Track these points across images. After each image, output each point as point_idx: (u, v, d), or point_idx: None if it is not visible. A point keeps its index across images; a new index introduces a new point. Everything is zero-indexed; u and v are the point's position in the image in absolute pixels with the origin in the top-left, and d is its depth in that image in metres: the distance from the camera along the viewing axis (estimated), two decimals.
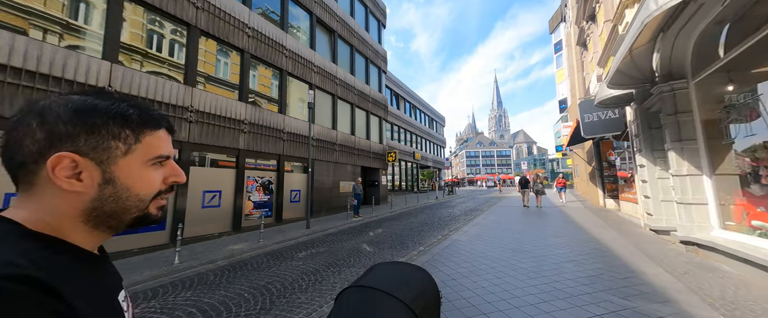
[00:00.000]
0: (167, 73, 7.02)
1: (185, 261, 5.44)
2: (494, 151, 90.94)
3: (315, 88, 11.91)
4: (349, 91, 14.39)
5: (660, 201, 5.87)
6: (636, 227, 6.91)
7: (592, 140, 12.67)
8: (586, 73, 12.75)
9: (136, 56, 6.48)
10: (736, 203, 4.19)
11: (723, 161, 4.38)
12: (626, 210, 8.86)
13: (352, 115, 14.67)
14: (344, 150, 13.58)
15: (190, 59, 7.38)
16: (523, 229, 7.58)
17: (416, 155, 29.90)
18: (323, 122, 12.50)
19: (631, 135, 6.80)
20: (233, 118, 8.29)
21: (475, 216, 10.83)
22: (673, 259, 4.29)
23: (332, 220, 10.44)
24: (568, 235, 6.40)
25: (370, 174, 17.21)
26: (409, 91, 31.05)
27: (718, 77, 4.36)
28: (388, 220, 10.69)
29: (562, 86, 24.50)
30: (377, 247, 6.25)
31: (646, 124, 6.11)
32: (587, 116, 6.97)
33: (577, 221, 8.32)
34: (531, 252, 5.13)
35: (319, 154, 11.91)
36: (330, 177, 12.56)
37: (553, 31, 25.22)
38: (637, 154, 6.38)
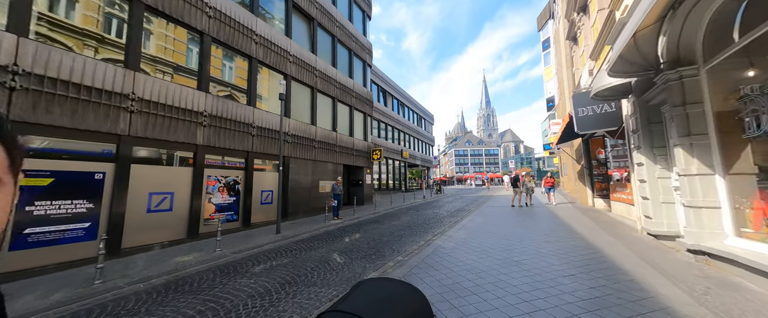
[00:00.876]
0: (101, 51, 5.93)
1: (112, 279, 4.47)
2: (482, 150, 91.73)
3: (290, 78, 10.94)
4: (330, 84, 13.47)
5: (660, 203, 5.34)
6: (631, 231, 6.40)
7: (582, 138, 12.31)
8: (576, 69, 12.34)
9: (59, 30, 5.38)
10: (755, 207, 3.64)
11: (739, 159, 3.82)
12: (618, 211, 8.42)
13: (333, 110, 13.76)
14: (324, 147, 12.67)
15: (132, 38, 6.31)
16: (511, 232, 6.96)
17: (404, 153, 29.24)
18: (301, 117, 11.55)
19: (628, 131, 6.27)
20: (190, 110, 7.26)
21: (462, 217, 10.21)
22: (684, 272, 3.70)
23: (308, 224, 9.55)
24: (561, 241, 5.80)
25: (354, 173, 16.37)
26: (397, 87, 30.31)
27: (735, 62, 3.78)
28: (370, 222, 9.91)
29: (550, 84, 24.37)
30: (349, 258, 5.45)
31: (646, 119, 5.56)
32: (581, 110, 6.40)
33: (569, 223, 7.79)
34: (521, 263, 4.46)
35: (296, 152, 10.96)
36: (308, 176, 11.64)
37: (541, 29, 25.03)
38: (635, 151, 5.84)
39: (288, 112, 10.75)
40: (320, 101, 12.81)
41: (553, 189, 13.27)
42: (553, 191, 13.22)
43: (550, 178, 13.42)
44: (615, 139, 6.48)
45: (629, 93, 5.78)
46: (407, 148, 31.02)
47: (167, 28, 7.19)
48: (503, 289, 3.47)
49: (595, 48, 8.33)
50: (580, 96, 6.43)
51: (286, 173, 10.44)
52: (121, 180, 5.88)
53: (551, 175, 13.70)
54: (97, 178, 5.58)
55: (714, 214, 3.95)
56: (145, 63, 6.64)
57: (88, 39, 5.76)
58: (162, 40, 7.08)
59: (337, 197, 10.62)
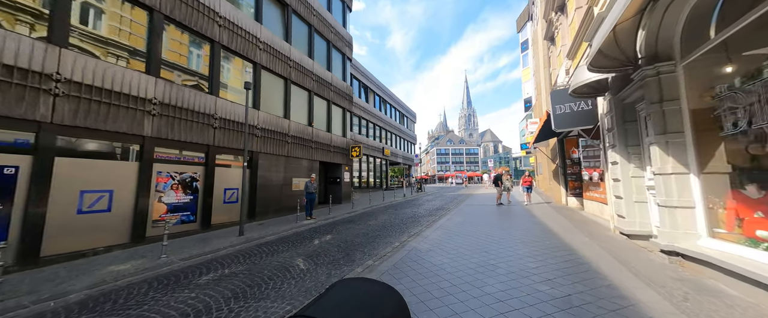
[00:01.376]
0: (15, 22, 4.94)
1: (15, 296, 3.65)
2: (463, 149, 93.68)
3: (260, 67, 10.11)
4: (306, 76, 12.72)
5: (633, 202, 5.30)
6: (604, 230, 6.39)
7: (557, 137, 12.52)
8: (553, 69, 12.51)
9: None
10: (728, 207, 3.56)
11: (713, 157, 3.74)
12: (590, 209, 8.52)
13: (309, 104, 13.03)
14: (299, 143, 11.95)
15: (57, 9, 5.33)
16: (489, 232, 6.76)
17: (386, 151, 28.88)
18: (272, 110, 10.76)
19: (603, 129, 6.23)
20: (135, 96, 6.35)
21: (440, 216, 9.97)
22: (661, 274, 3.57)
23: (277, 224, 8.87)
24: (538, 241, 5.64)
25: (332, 170, 15.73)
26: (380, 84, 29.83)
27: (712, 59, 3.68)
28: (344, 222, 9.39)
29: (528, 85, 24.97)
30: (313, 264, 4.93)
31: (621, 117, 5.50)
32: (559, 108, 6.28)
33: (545, 222, 7.74)
34: (498, 267, 4.18)
35: (266, 146, 10.18)
36: (280, 173, 10.90)
37: (520, 30, 25.56)
38: (610, 150, 5.79)
39: (257, 103, 9.94)
40: (295, 94, 12.05)
41: (530, 188, 13.04)
42: (530, 191, 12.99)
43: (528, 177, 13.11)
44: (589, 139, 6.45)
45: (606, 90, 5.70)
46: (389, 146, 30.68)
47: (108, 0, 6.23)
48: (478, 298, 3.13)
49: (572, 47, 8.32)
50: (558, 93, 6.32)
51: (254, 169, 9.66)
52: (41, 175, 4.95)
53: (529, 174, 13.39)
54: (6, 173, 4.64)
55: (688, 214, 3.86)
56: (80, 40, 5.68)
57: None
58: (100, 13, 6.11)
59: (311, 196, 10.00)
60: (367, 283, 0.63)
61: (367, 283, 0.63)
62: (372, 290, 0.60)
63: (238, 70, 9.47)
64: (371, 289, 0.60)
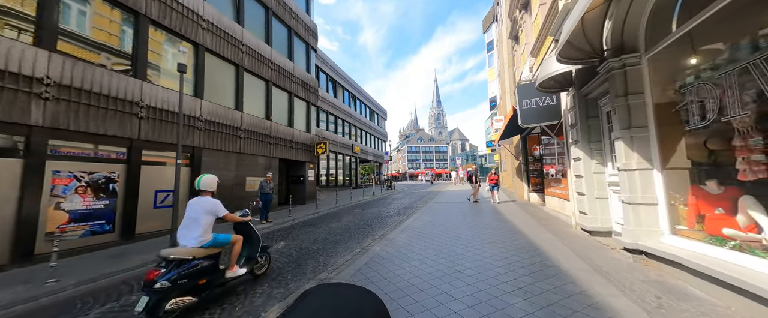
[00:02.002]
0: None
1: None
2: (433, 147, 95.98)
3: (203, 49, 8.76)
4: (263, 64, 11.47)
5: (595, 198, 5.26)
6: (566, 226, 6.40)
7: (520, 135, 12.84)
8: (516, 68, 12.76)
9: None
10: (689, 203, 3.48)
11: (675, 152, 3.67)
12: (551, 205, 8.68)
13: (267, 95, 11.80)
14: (254, 138, 10.73)
15: None
16: (456, 233, 6.43)
17: (355, 148, 28.06)
18: (221, 100, 9.44)
19: (566, 125, 6.19)
20: (14, 73, 4.89)
21: (408, 216, 9.55)
22: (628, 276, 3.39)
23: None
24: (505, 242, 5.39)
25: (295, 168, 14.60)
26: (349, 79, 28.86)
27: (675, 52, 3.58)
28: (304, 226, 8.53)
29: (493, 85, 25.84)
30: (251, 283, 4.11)
31: (584, 113, 5.44)
32: (525, 102, 6.13)
33: (511, 221, 7.66)
34: (464, 273, 3.76)
35: (212, 141, 8.89)
36: (230, 171, 9.64)
37: (486, 31, 26.31)
38: (573, 146, 5.73)
39: (201, 91, 8.60)
40: (249, 83, 10.77)
41: (497, 186, 12.19)
42: (497, 189, 12.15)
43: (495, 175, 12.32)
44: (553, 136, 6.43)
45: (570, 85, 5.62)
46: (358, 143, 29.91)
47: None
48: (442, 307, 2.63)
49: (536, 44, 8.34)
50: (525, 87, 6.17)
51: (196, 168, 8.35)
52: None
53: (495, 172, 12.54)
54: None
55: (651, 210, 3.76)
56: None
57: None
58: None
59: (266, 197, 8.96)
60: (344, 288, 0.59)
61: (345, 288, 0.59)
62: (350, 296, 0.56)
63: (176, 52, 8.06)
64: (349, 295, 0.56)
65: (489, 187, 12.43)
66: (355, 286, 0.60)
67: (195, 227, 3.34)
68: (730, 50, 2.90)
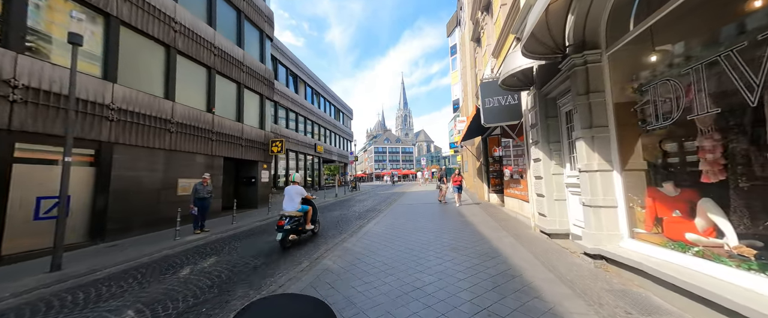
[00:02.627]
0: None
1: None
2: (399, 148, 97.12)
3: (116, 21, 7.12)
4: (204, 48, 9.94)
5: (554, 200, 5.17)
6: (526, 228, 6.33)
7: (482, 136, 13.06)
8: (478, 70, 12.95)
9: None
10: (647, 206, 3.39)
11: (633, 153, 3.57)
12: (510, 206, 8.76)
13: (208, 84, 10.26)
14: (191, 133, 9.18)
15: None
16: (418, 237, 5.97)
17: (318, 148, 26.70)
18: (143, 85, 7.83)
19: (526, 126, 6.11)
20: None
21: (369, 219, 8.92)
22: (593, 286, 3.16)
23: (143, 244, 6.31)
24: (468, 247, 5.04)
25: (245, 168, 13.07)
26: (312, 74, 27.39)
27: (633, 49, 3.48)
28: (247, 235, 7.40)
29: (456, 88, 26.57)
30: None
31: (544, 113, 5.35)
32: (488, 101, 5.92)
33: (473, 223, 7.46)
34: (424, 291, 3.24)
35: (130, 135, 7.29)
36: (156, 172, 8.05)
37: (450, 35, 26.98)
38: (533, 146, 5.63)
39: (113, 73, 6.97)
40: (184, 69, 9.20)
41: (461, 188, 11.45)
42: (461, 191, 11.42)
43: (458, 176, 11.61)
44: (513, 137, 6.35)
45: (532, 84, 5.50)
46: (322, 143, 28.54)
47: None
48: None
49: (497, 45, 8.32)
50: (488, 85, 5.96)
51: (105, 167, 6.73)
52: None
53: (459, 173, 11.83)
54: None
55: (612, 213, 3.63)
56: None
57: None
58: None
59: (202, 202, 7.61)
60: (290, 299, 0.56)
61: (291, 299, 0.56)
62: (298, 309, 0.53)
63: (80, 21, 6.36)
64: (297, 308, 0.53)
65: (453, 188, 11.71)
66: (302, 296, 0.58)
67: (293, 201, 6.07)
68: (694, 46, 2.78)
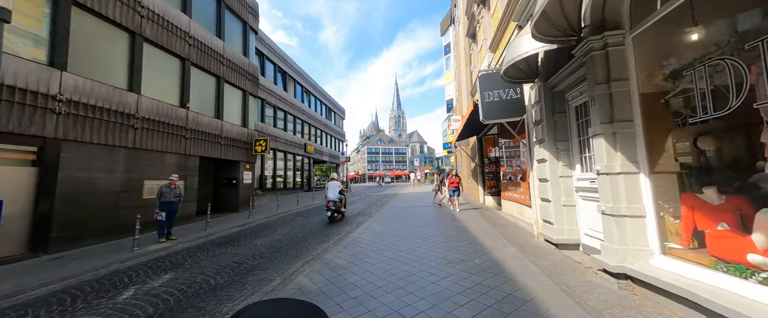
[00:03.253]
0: None
1: None
2: (393, 149, 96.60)
3: (68, 1, 6.23)
4: (177, 36, 9.07)
5: (562, 206, 4.59)
6: (528, 235, 5.75)
7: (477, 136, 12.54)
8: (473, 67, 12.44)
9: None
10: (683, 216, 2.81)
11: (664, 152, 3.00)
12: (508, 210, 8.20)
13: (182, 77, 9.39)
14: (160, 129, 8.31)
15: None
16: (409, 247, 5.32)
17: (308, 148, 25.85)
18: (101, 75, 6.95)
19: (529, 123, 5.54)
20: None
21: (358, 224, 8.23)
22: (619, 313, 2.55)
23: (95, 256, 5.46)
24: (466, 260, 4.41)
25: (226, 169, 12.19)
26: (303, 72, 26.53)
27: (665, 29, 2.91)
28: (219, 244, 6.59)
29: (450, 87, 26.13)
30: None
31: (551, 108, 4.77)
32: (488, 95, 5.31)
33: (470, 230, 6.85)
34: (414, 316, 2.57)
35: (83, 131, 6.41)
36: (116, 173, 7.17)
37: (443, 34, 26.56)
38: (538, 145, 5.05)
39: (62, 59, 6.09)
40: (153, 59, 8.32)
41: (458, 191, 10.09)
42: (458, 194, 10.05)
43: (455, 177, 10.19)
44: (513, 134, 5.78)
45: (536, 76, 4.92)
46: (312, 142, 27.66)
47: None
48: None
49: (495, 38, 7.78)
50: (488, 77, 5.36)
51: (50, 167, 5.84)
52: None
53: (456, 174, 10.41)
54: None
55: (638, 224, 3.04)
56: None
57: None
58: None
59: (169, 207, 6.77)
60: (283, 304, 0.57)
61: (284, 304, 0.57)
62: (291, 313, 0.53)
63: None
64: (290, 313, 0.53)
65: (449, 192, 10.20)
66: (294, 300, 0.58)
67: (334, 192, 8.98)
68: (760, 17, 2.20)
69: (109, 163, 6.98)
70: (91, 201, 6.54)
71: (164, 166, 8.44)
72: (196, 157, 9.75)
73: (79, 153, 6.33)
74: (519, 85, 5.24)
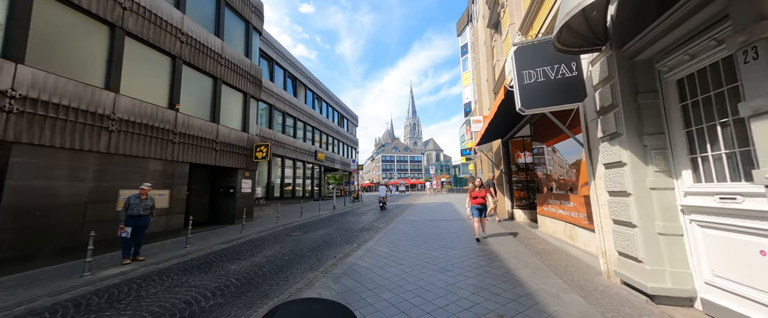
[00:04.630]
0: None
1: None
2: (408, 157, 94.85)
3: None
4: (166, 32, 8.34)
5: (657, 235, 2.95)
6: (592, 273, 4.08)
7: (501, 139, 10.87)
8: (496, 61, 10.90)
9: None
10: None
11: None
12: (549, 229, 6.47)
13: (172, 76, 8.61)
14: (141, 133, 7.45)
15: None
16: (420, 283, 3.85)
17: (319, 155, 24.97)
18: (69, 70, 6.18)
19: (589, 111, 3.96)
20: None
21: (361, 243, 6.82)
22: None
23: (39, 282, 4.43)
24: (505, 314, 2.87)
25: (223, 177, 11.28)
26: (314, 78, 26.00)
27: None
28: (189, 269, 5.40)
29: (468, 90, 24.49)
30: None
31: (630, 87, 3.22)
32: (527, 74, 3.82)
33: (502, 257, 5.24)
34: None
35: (41, 133, 5.56)
36: (84, 182, 6.27)
37: (460, 34, 25.16)
38: (608, 142, 3.47)
39: (20, 51, 5.32)
40: (136, 55, 7.56)
41: (484, 211, 6.57)
42: (485, 214, 6.63)
43: (482, 188, 6.47)
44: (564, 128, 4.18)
45: (604, 41, 3.39)
46: (324, 150, 26.81)
47: None
48: None
49: (527, 17, 6.35)
50: (527, 51, 3.87)
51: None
52: None
53: (482, 185, 6.55)
54: None
55: None
56: None
57: None
58: None
59: (137, 221, 5.74)
60: (314, 303, 0.60)
61: (315, 303, 0.60)
62: (322, 313, 0.56)
63: None
64: (318, 311, 0.57)
65: (470, 210, 6.57)
66: (324, 300, 0.61)
67: (383, 191, 17.36)
68: None
69: (74, 171, 6.09)
70: (49, 214, 5.62)
71: (146, 174, 7.52)
72: (186, 164, 8.83)
73: (35, 158, 5.46)
74: (576, 55, 3.70)
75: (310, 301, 0.60)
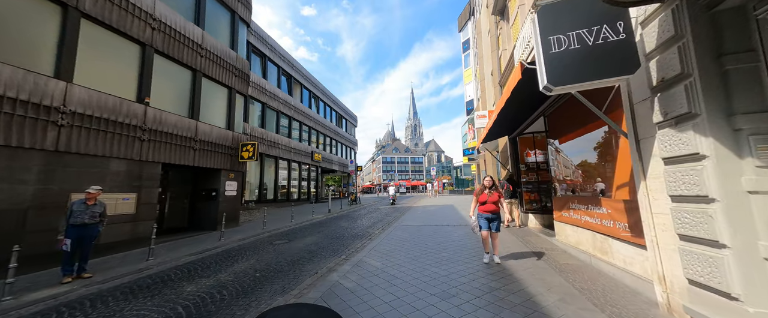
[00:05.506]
0: None
1: None
2: (408, 158, 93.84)
3: None
4: (134, 16, 7.46)
5: (764, 260, 1.98)
6: (642, 302, 3.11)
7: (508, 136, 9.91)
8: (503, 50, 9.97)
9: None
10: None
11: None
12: (570, 239, 5.49)
13: (142, 66, 7.72)
14: (100, 128, 6.55)
15: None
16: (417, 310, 2.89)
17: (316, 156, 24.07)
18: (9, 55, 5.27)
19: (637, 88, 3.01)
20: None
21: (349, 255, 5.86)
22: None
23: None
24: None
25: (204, 179, 10.37)
26: (310, 76, 25.14)
27: None
28: (133, 292, 4.45)
29: (470, 87, 23.56)
30: None
31: (710, 47, 2.26)
32: (556, 41, 2.89)
33: (517, 278, 4.29)
34: None
35: None
36: (27, 185, 5.36)
37: (461, 30, 24.26)
38: (675, 127, 2.51)
39: None
40: (95, 39, 6.68)
41: (498, 221, 4.82)
42: (498, 227, 4.82)
43: (493, 190, 4.75)
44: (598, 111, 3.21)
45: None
46: (321, 151, 25.89)
47: None
48: None
49: None
50: (556, 10, 2.89)
51: None
52: None
53: (493, 186, 4.78)
54: None
55: None
56: None
57: None
58: None
59: (81, 231, 4.83)
60: (303, 308, 0.59)
61: (304, 308, 0.59)
62: (311, 317, 0.56)
63: None
64: (310, 316, 0.56)
65: (478, 219, 4.82)
66: (312, 305, 0.60)
67: (391, 192, 21.92)
68: None
69: (13, 172, 5.18)
70: None
71: (106, 175, 6.61)
72: (157, 164, 7.92)
73: None
74: (624, 10, 2.75)
75: (299, 306, 0.61)
